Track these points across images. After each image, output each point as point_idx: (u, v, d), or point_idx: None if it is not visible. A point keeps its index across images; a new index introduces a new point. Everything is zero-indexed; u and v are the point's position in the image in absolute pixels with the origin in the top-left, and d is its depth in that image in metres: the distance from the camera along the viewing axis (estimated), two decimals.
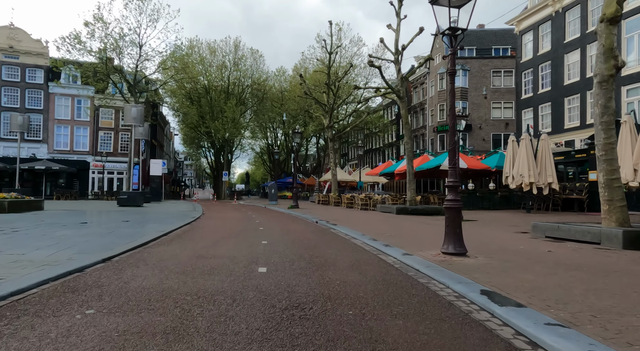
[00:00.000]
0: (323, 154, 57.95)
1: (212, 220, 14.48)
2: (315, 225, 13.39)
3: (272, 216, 17.78)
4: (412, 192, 20.57)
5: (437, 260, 6.18)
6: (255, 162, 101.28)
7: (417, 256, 6.56)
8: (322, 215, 17.17)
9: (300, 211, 20.74)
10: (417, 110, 48.46)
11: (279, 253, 6.78)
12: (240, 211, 21.55)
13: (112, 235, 8.59)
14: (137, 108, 21.89)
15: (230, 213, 19.12)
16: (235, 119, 43.32)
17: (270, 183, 30.96)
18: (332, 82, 31.60)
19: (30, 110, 40.29)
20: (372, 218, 15.83)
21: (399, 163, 29.75)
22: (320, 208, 24.02)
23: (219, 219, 15.22)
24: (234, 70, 47.56)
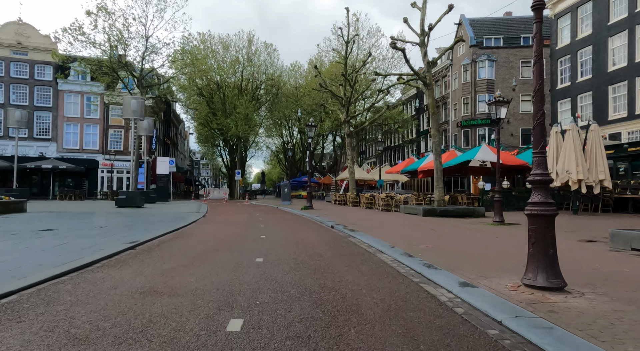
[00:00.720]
0: (340, 152, 55.61)
1: (209, 225, 12.32)
2: (331, 231, 11.09)
3: (282, 219, 15.54)
4: (440, 190, 18.10)
5: (522, 299, 3.80)
6: (271, 161, 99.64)
7: (484, 289, 4.20)
8: (338, 218, 14.88)
9: (314, 212, 18.47)
10: (439, 104, 45.64)
11: (273, 284, 4.50)
12: (248, 212, 19.40)
13: (60, 249, 6.45)
14: (137, 101, 19.97)
15: (235, 215, 16.97)
16: (248, 116, 41.32)
17: (283, 182, 28.84)
18: (349, 74, 29.24)
19: (38, 108, 39.07)
20: (397, 222, 13.44)
21: (422, 160, 27.21)
22: (337, 209, 21.71)
23: (218, 223, 13.05)
24: (247, 65, 45.57)
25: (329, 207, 23.74)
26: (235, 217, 16.23)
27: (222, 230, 10.67)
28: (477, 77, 39.27)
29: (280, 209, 22.91)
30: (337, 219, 14.28)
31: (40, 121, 39.23)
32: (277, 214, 18.42)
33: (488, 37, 40.02)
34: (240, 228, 11.12)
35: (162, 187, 28.45)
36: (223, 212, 19.63)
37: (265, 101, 48.96)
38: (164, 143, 51.24)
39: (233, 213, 18.74)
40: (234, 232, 10.19)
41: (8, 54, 38.28)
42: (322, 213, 17.69)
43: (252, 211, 20.67)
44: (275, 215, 17.91)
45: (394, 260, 6.29)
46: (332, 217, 15.62)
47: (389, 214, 18.08)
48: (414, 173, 29.90)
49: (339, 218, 14.61)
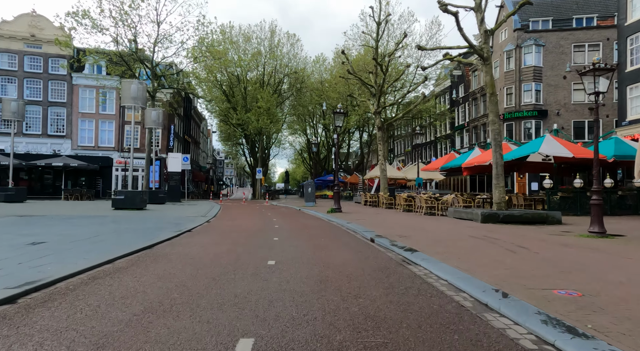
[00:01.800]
0: (368, 150, 51.99)
1: (205, 237, 9.06)
2: (372, 248, 7.67)
3: (304, 226, 12.18)
4: (501, 191, 14.39)
5: None
6: (295, 160, 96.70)
7: None
8: (376, 225, 11.43)
9: (343, 217, 15.06)
10: (477, 97, 41.40)
11: None
12: (265, 216, 16.14)
13: None
14: (138, 86, 17.06)
15: (246, 221, 13.72)
16: (270, 109, 38.23)
17: (307, 181, 25.54)
18: (381, 59, 25.65)
19: (53, 104, 37.08)
20: (456, 232, 9.88)
21: (466, 155, 23.38)
22: (370, 213, 18.22)
23: (218, 234, 9.79)
24: (269, 57, 42.50)
25: (360, 210, 20.24)
26: (247, 222, 12.97)
27: (216, 247, 7.37)
28: (522, 64, 34.95)
29: (302, 212, 19.58)
30: (375, 227, 10.83)
31: (54, 117, 37.23)
32: (298, 219, 15.07)
33: (535, 19, 35.62)
34: (243, 245, 7.81)
35: (174, 186, 25.66)
36: (235, 215, 16.43)
37: (289, 95, 45.84)
38: (183, 141, 48.84)
39: (246, 217, 15.51)
40: (231, 252, 6.87)
41: (21, 48, 36.42)
42: (354, 218, 14.25)
43: (270, 214, 17.42)
44: (296, 220, 14.57)
45: (534, 341, 2.82)
46: (367, 223, 12.18)
47: (437, 220, 14.47)
48: (455, 170, 26.09)
49: (377, 226, 11.15)
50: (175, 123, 43.28)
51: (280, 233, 9.82)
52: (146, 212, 16.08)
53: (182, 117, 48.37)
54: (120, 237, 8.06)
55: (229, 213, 17.87)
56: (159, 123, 23.09)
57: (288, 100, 47.92)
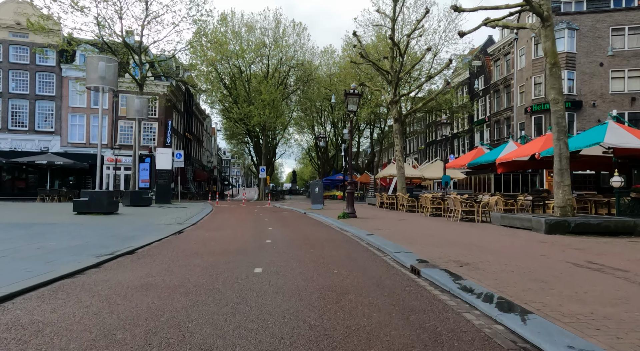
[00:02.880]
0: (379, 148, 48.50)
1: (143, 267, 5.62)
2: (423, 293, 4.22)
3: (306, 241, 8.76)
4: (566, 191, 10.89)
5: None
6: (302, 160, 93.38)
7: None
8: (408, 238, 8.00)
9: (359, 223, 11.65)
10: (500, 88, 37.70)
11: None
12: (260, 223, 12.77)
13: None
14: (107, 63, 13.84)
15: (232, 231, 10.33)
16: (274, 102, 34.92)
17: (314, 180, 22.15)
18: (398, 40, 22.17)
19: (40, 97, 34.15)
20: (538, 252, 6.43)
21: (499, 149, 19.80)
22: (390, 218, 14.77)
23: (175, 256, 6.38)
24: (274, 48, 39.15)
25: (378, 214, 16.79)
26: (231, 234, 9.59)
27: (127, 302, 3.95)
28: None
29: (308, 216, 16.18)
30: (408, 241, 7.40)
31: (42, 112, 34.30)
32: (301, 227, 11.66)
33: (567, 0, 31.88)
34: (193, 291, 4.40)
35: (163, 186, 22.48)
36: (222, 222, 13.07)
37: (295, 89, 42.50)
38: (184, 138, 45.73)
39: (235, 225, 12.15)
40: (150, 318, 3.47)
41: (6, 37, 33.54)
42: (374, 226, 10.81)
43: (267, 220, 14.04)
44: (298, 229, 11.16)
45: None
46: (394, 234, 8.76)
47: (483, 229, 10.98)
48: (484, 167, 22.57)
49: (411, 240, 7.72)
50: (173, 118, 40.16)
51: (269, 255, 6.43)
52: (111, 217, 12.81)
53: (182, 113, 45.27)
54: (13, 264, 4.76)
55: (217, 218, 14.52)
56: (144, 113, 19.88)
57: (295, 95, 44.60)
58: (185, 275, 4.77)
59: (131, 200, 19.03)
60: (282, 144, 64.15)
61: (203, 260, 5.79)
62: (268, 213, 17.60)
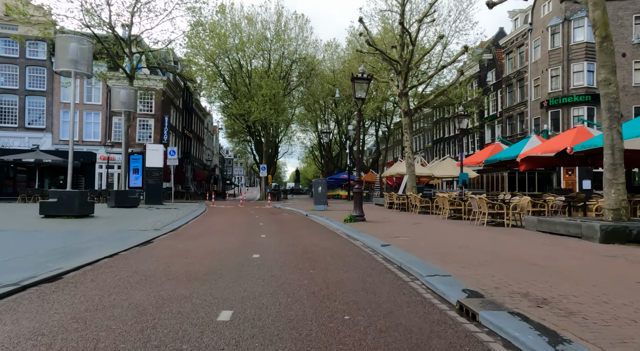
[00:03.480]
0: (385, 145, 46.53)
1: (73, 299, 3.82)
2: None
3: (305, 255, 6.84)
4: (620, 190, 8.95)
5: None
6: (306, 159, 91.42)
7: None
8: (434, 250, 6.09)
9: (369, 229, 9.76)
10: (512, 82, 35.64)
11: None
12: (252, 228, 10.89)
13: None
14: (79, 44, 12.01)
15: (215, 239, 8.44)
16: (275, 97, 33.06)
17: (316, 179, 20.16)
18: (409, 24, 20.21)
19: (31, 92, 32.45)
20: (615, 273, 4.51)
21: (521, 144, 17.79)
22: (404, 221, 12.85)
23: (118, 283, 4.54)
24: (275, 41, 37.24)
25: (389, 217, 14.85)
26: (211, 244, 7.71)
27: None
28: (572, 40, 29.19)
29: (310, 219, 14.29)
30: (436, 256, 5.49)
31: (32, 108, 32.61)
32: (300, 235, 9.77)
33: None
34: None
35: (154, 185, 20.62)
36: (208, 227, 11.20)
37: (297, 84, 40.60)
38: (182, 136, 43.97)
39: (221, 231, 10.27)
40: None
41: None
42: (387, 233, 8.91)
43: (262, 224, 12.16)
44: (297, 237, 9.26)
45: None
46: (414, 244, 6.86)
47: (520, 236, 9.06)
48: (502, 164, 20.58)
49: (439, 254, 5.80)
50: (171, 114, 38.39)
51: (251, 282, 4.54)
52: (80, 222, 10.97)
53: (181, 110, 43.51)
54: None
55: (205, 222, 12.65)
56: (132, 105, 18.02)
57: (297, 92, 42.69)
58: (96, 334, 2.88)
59: (116, 200, 17.20)
60: (284, 143, 62.45)
61: (148, 294, 3.90)
62: (265, 215, 15.71)
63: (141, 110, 34.87)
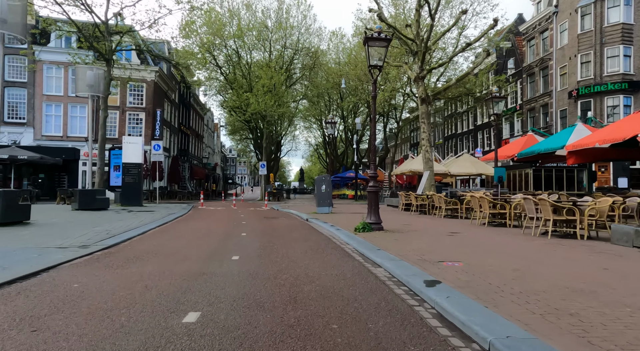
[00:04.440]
0: (394, 142, 43.32)
1: None
2: None
3: (293, 302, 3.77)
4: None
5: None
6: (311, 157, 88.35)
7: None
8: (532, 297, 3.05)
9: (392, 243, 6.68)
10: (534, 71, 32.35)
11: None
12: (232, 241, 7.84)
13: None
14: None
15: (157, 268, 5.38)
16: (276, 87, 30.08)
17: (320, 176, 16.88)
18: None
19: (10, 84, 29.66)
20: None
21: (567, 132, 14.61)
22: (435, 231, 9.73)
23: None
24: (276, 30, 34.17)
25: (411, 222, 11.71)
26: (131, 282, 4.65)
27: None
28: (605, 22, 25.87)
29: (311, 227, 11.20)
30: (536, 312, 2.43)
31: (12, 100, 29.81)
32: (294, 253, 6.68)
33: None
34: None
35: (131, 184, 17.57)
36: (164, 243, 8.10)
37: (300, 76, 37.54)
38: (179, 132, 41.07)
39: (179, 249, 7.19)
40: None
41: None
42: (421, 251, 5.83)
43: (247, 234, 9.10)
44: (289, 258, 6.17)
45: None
46: (480, 279, 3.81)
47: (626, 258, 5.91)
48: (537, 158, 17.46)
49: (557, 312, 2.75)
50: (165, 108, 35.49)
51: None
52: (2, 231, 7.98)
53: (177, 104, 40.60)
54: None
55: (167, 233, 9.60)
56: (101, 89, 15.07)
57: (300, 85, 39.60)
58: None
59: (80, 202, 14.24)
60: (288, 141, 59.36)
61: None
62: (256, 221, 12.65)
63: (131, 102, 32.03)
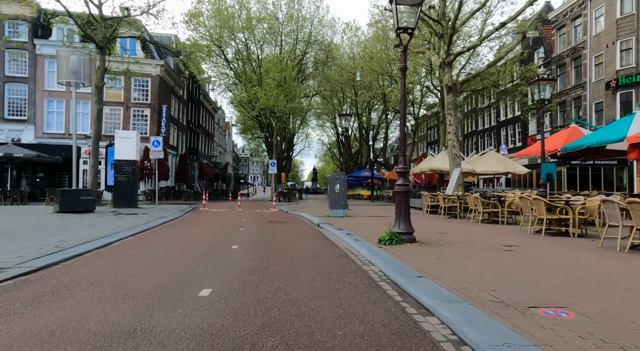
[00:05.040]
0: (412, 139, 40.91)
1: None
2: None
3: None
4: None
5: None
6: (324, 157, 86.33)
7: None
8: None
9: (439, 265, 4.64)
10: (565, 61, 29.76)
11: None
12: (213, 257, 5.90)
13: None
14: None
15: (69, 309, 3.40)
16: (286, 80, 28.16)
17: (333, 174, 14.58)
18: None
19: (10, 79, 28.34)
20: None
21: (625, 122, 12.25)
22: (481, 240, 7.57)
23: None
24: (287, 22, 32.24)
25: (446, 230, 9.57)
26: None
27: None
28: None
29: (322, 234, 9.16)
30: None
31: (12, 96, 28.49)
32: (298, 283, 4.67)
33: None
34: None
35: (124, 182, 15.74)
36: (124, 260, 6.15)
37: (313, 70, 35.54)
38: (188, 130, 39.47)
39: (138, 270, 5.21)
40: None
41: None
42: (487, 280, 3.78)
43: (237, 246, 7.10)
44: (287, 293, 4.17)
45: None
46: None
47: None
48: (584, 153, 15.10)
49: None
50: (172, 105, 33.88)
51: None
52: None
53: (185, 101, 38.98)
54: None
55: (144, 243, 7.64)
56: (82, 75, 13.34)
57: (313, 80, 37.59)
58: None
59: (62, 204, 12.46)
60: (301, 140, 57.43)
61: None
62: (256, 227, 10.67)
63: (135, 98, 30.46)
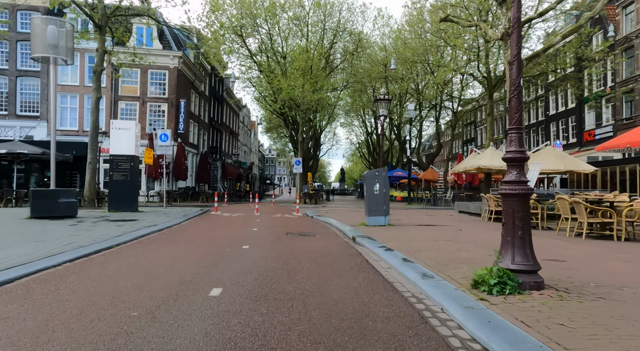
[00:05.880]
0: (451, 136, 37.29)
1: None
2: None
3: None
4: None
5: None
6: (352, 157, 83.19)
7: None
8: None
9: None
10: (634, 44, 25.55)
11: None
12: (168, 320, 2.93)
13: None
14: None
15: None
16: (313, 71, 25.30)
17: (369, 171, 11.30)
18: None
19: (23, 73, 26.71)
20: None
21: None
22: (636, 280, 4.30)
23: None
24: (314, 9, 29.36)
25: (554, 250, 6.23)
26: None
27: None
28: None
29: (362, 257, 6.11)
30: None
31: (25, 91, 26.86)
32: None
33: None
34: None
35: (122, 182, 13.21)
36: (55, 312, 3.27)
37: (342, 61, 32.52)
38: (210, 128, 37.25)
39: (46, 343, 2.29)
40: None
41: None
42: None
43: (221, 292, 4.16)
44: None
45: None
46: None
47: None
48: None
49: None
50: (191, 100, 31.65)
51: None
52: None
53: (207, 98, 36.76)
54: None
55: (91, 272, 4.88)
56: (64, 51, 10.91)
57: (341, 73, 34.55)
58: None
59: (33, 206, 9.98)
60: (328, 139, 54.56)
61: None
62: (268, 244, 7.71)
63: (152, 93, 28.31)
